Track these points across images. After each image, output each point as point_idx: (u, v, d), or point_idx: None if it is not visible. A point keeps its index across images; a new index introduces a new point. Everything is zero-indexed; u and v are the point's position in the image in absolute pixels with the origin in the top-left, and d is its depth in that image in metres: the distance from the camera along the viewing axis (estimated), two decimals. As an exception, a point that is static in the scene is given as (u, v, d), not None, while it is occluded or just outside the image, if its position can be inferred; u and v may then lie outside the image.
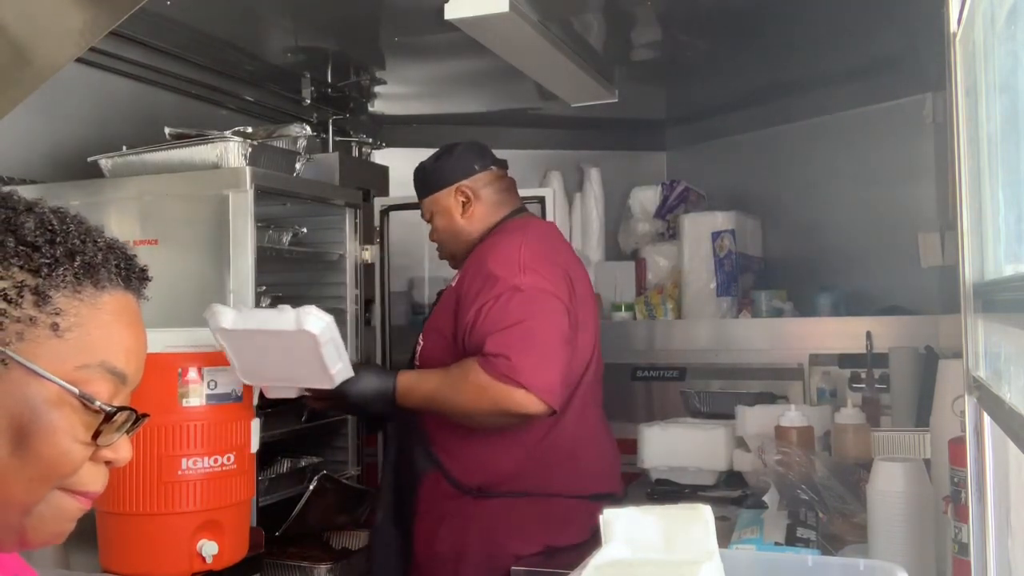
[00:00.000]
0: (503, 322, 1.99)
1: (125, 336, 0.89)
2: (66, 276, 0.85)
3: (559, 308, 2.06)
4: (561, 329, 2.05)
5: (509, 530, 2.09)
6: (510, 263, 2.06)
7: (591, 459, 2.21)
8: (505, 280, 2.03)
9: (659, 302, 3.70)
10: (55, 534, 0.88)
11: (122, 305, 0.89)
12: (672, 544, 1.15)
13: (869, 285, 3.46)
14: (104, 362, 0.86)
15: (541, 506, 2.12)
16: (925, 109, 3.28)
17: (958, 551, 1.34)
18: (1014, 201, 0.87)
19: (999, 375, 0.95)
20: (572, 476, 2.15)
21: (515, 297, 2.01)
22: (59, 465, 0.84)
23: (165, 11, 2.53)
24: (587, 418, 2.22)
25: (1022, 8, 0.79)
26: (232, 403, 1.93)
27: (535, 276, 2.05)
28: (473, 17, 2.35)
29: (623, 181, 4.19)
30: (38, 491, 0.84)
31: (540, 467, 2.12)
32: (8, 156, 2.55)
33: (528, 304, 2.01)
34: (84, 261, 0.86)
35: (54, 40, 1.64)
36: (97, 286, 0.87)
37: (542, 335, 2.00)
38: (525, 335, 1.98)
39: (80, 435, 0.85)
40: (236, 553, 1.95)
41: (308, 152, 2.83)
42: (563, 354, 2.03)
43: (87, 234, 0.89)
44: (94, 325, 0.86)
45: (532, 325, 1.99)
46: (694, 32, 2.95)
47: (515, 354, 1.94)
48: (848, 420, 2.17)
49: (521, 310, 2.00)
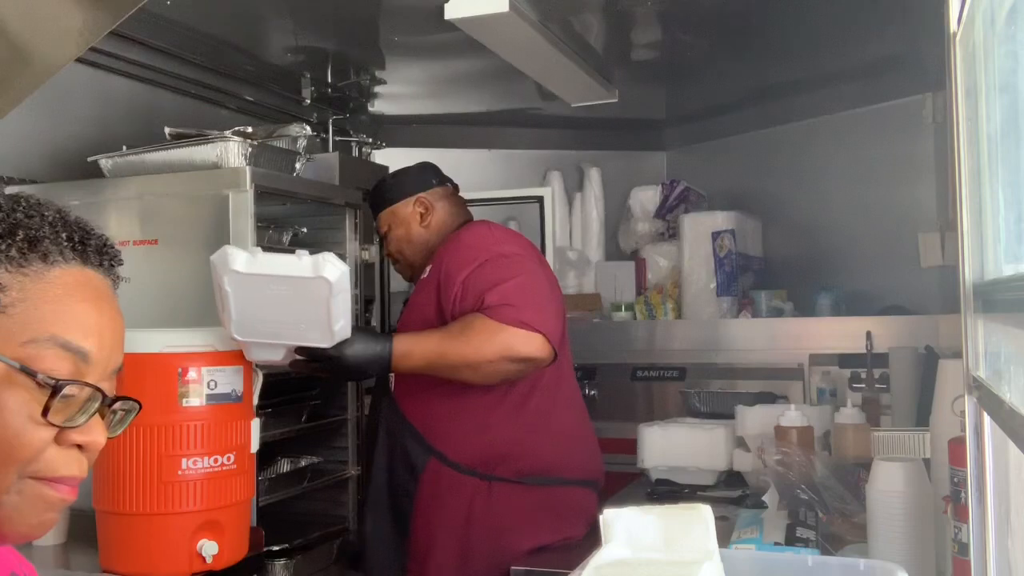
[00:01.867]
0: (497, 279, 2.09)
1: (82, 311, 0.85)
2: (8, 251, 0.82)
3: (541, 269, 2.22)
4: (551, 284, 2.22)
5: (512, 521, 2.14)
6: (485, 239, 2.22)
7: (580, 440, 2.29)
8: (487, 249, 2.17)
9: (659, 302, 3.70)
10: (34, 526, 0.84)
11: (78, 280, 0.86)
12: (672, 544, 1.15)
13: (869, 285, 3.46)
14: (55, 336, 0.83)
15: (541, 495, 2.17)
16: (925, 109, 3.28)
17: (958, 551, 1.34)
18: (1014, 201, 0.87)
19: (999, 375, 0.95)
20: (565, 457, 2.22)
21: (501, 261, 2.14)
22: (14, 448, 0.81)
23: (165, 11, 2.53)
24: (571, 400, 2.32)
25: (1022, 8, 0.79)
26: (232, 403, 1.93)
27: (515, 245, 2.21)
28: (473, 17, 2.35)
29: (623, 181, 4.19)
30: (1, 479, 0.81)
31: (533, 445, 2.18)
32: (8, 156, 2.55)
33: (515, 265, 2.14)
34: (28, 236, 0.83)
35: (54, 40, 1.64)
36: (46, 260, 0.84)
37: (535, 288, 2.12)
38: (520, 288, 2.09)
39: (34, 414, 0.81)
40: (236, 553, 1.95)
41: (308, 152, 2.82)
42: (559, 305, 2.18)
43: (34, 209, 0.86)
44: (42, 300, 0.83)
45: (523, 281, 2.11)
46: (694, 32, 2.95)
47: (517, 302, 2.05)
48: (848, 420, 2.17)
49: (510, 270, 2.12)
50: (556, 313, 2.14)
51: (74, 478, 0.85)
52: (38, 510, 0.84)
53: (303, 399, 2.70)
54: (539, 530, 2.16)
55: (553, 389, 2.24)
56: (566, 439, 2.25)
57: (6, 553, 0.93)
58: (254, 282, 1.83)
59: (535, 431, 2.20)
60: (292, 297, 1.84)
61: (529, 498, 2.16)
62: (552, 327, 2.08)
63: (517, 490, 2.16)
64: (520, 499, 2.16)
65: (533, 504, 2.16)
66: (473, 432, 2.18)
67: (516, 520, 2.15)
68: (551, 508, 2.18)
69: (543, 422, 2.21)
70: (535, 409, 2.21)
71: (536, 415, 2.21)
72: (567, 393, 2.31)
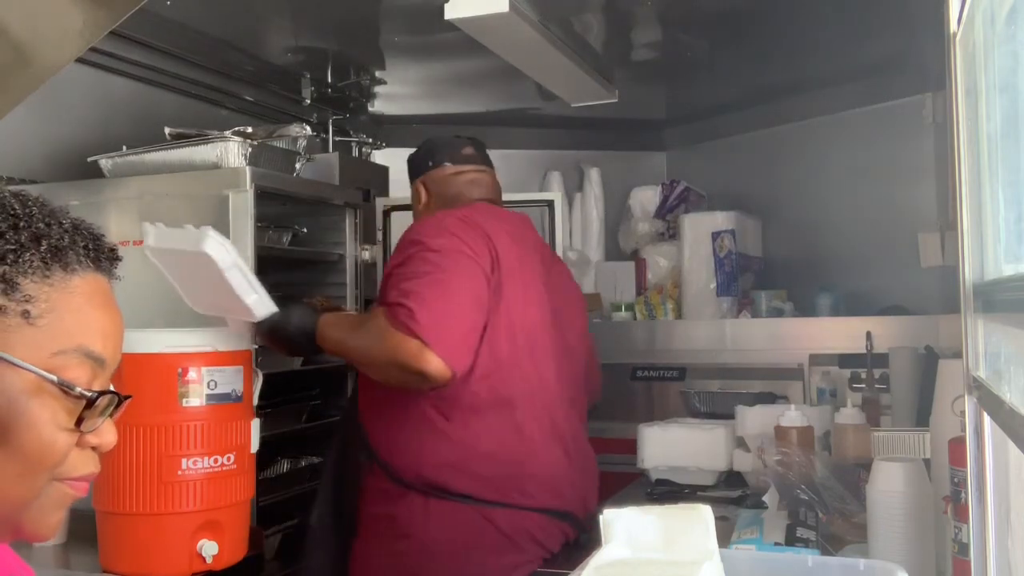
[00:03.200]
0: (411, 275, 1.92)
1: (99, 318, 0.87)
2: (33, 261, 0.82)
3: (475, 270, 1.95)
4: (474, 291, 1.94)
5: (450, 542, 1.97)
6: (430, 226, 2.03)
7: (534, 466, 2.03)
8: (419, 242, 1.98)
9: (659, 302, 3.70)
10: (52, 526, 0.86)
11: (94, 287, 0.87)
12: (672, 544, 1.15)
13: (869, 285, 3.46)
14: (81, 346, 0.84)
15: (480, 515, 1.98)
16: (925, 109, 3.28)
17: (958, 551, 1.34)
18: (1014, 201, 0.87)
19: (999, 375, 0.95)
20: (508, 481, 2.00)
21: (427, 255, 1.94)
22: (46, 456, 0.82)
23: (165, 11, 2.53)
24: (532, 417, 2.05)
25: (1022, 8, 0.79)
26: (232, 403, 1.93)
27: (452, 239, 1.97)
28: (473, 17, 2.35)
29: (623, 181, 4.19)
30: (32, 485, 0.83)
31: (471, 464, 1.99)
32: (8, 156, 2.55)
33: (440, 260, 1.93)
34: (51, 244, 0.84)
35: (54, 40, 1.64)
36: (67, 269, 0.85)
37: (449, 289, 1.90)
38: (431, 286, 1.89)
39: (63, 422, 0.83)
40: (236, 553, 1.95)
41: (308, 152, 2.83)
42: (472, 314, 1.93)
43: (51, 216, 0.86)
44: (67, 310, 0.84)
45: (440, 278, 1.90)
46: (694, 32, 2.95)
47: (417, 304, 1.85)
48: (848, 420, 2.17)
49: (431, 266, 1.93)
50: (465, 321, 1.91)
51: (92, 475, 0.88)
52: (58, 509, 0.86)
53: (303, 399, 2.70)
54: (473, 552, 1.97)
55: (505, 408, 2.01)
56: (515, 464, 2.01)
57: (5, 556, 0.93)
58: (170, 257, 1.93)
59: (473, 449, 1.99)
60: (202, 271, 1.92)
61: (463, 517, 1.97)
62: (450, 338, 1.85)
63: (454, 508, 1.98)
64: (456, 517, 1.98)
65: (469, 524, 1.98)
66: (408, 439, 2.01)
67: (451, 538, 1.97)
68: (487, 531, 1.98)
69: (484, 441, 1.99)
70: (477, 426, 1.99)
71: (477, 433, 1.99)
72: (531, 411, 2.04)
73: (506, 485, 2.00)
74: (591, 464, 2.23)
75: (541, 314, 2.11)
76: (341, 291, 2.88)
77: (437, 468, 1.99)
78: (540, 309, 2.11)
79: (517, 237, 2.12)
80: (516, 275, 2.05)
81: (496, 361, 1.98)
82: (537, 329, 2.09)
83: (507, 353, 2.01)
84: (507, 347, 2.01)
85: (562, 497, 2.07)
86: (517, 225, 2.19)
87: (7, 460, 0.81)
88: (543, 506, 2.03)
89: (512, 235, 2.11)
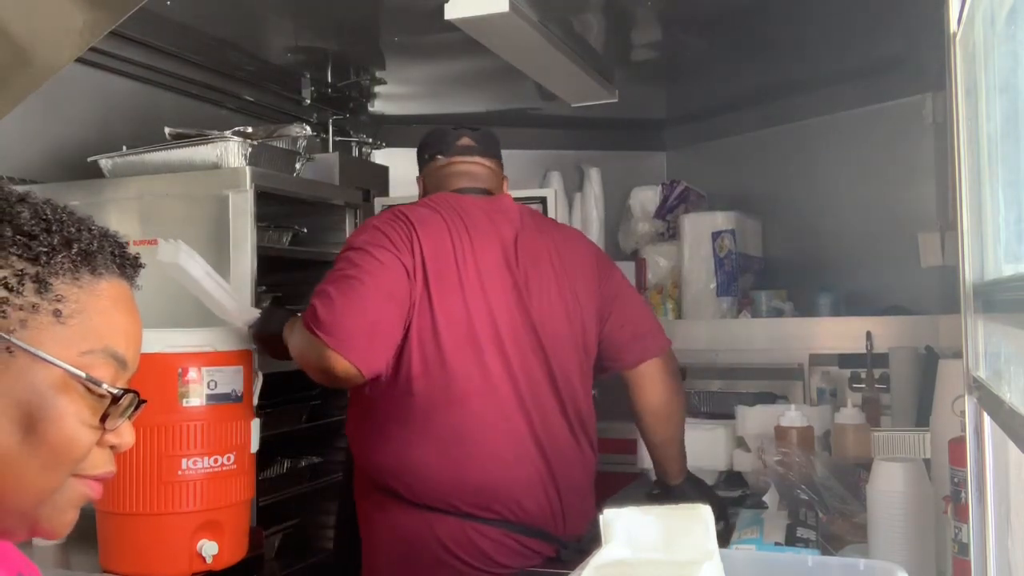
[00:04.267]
0: (329, 274, 1.91)
1: (124, 322, 0.91)
2: (64, 263, 0.86)
3: (393, 265, 1.87)
4: (388, 287, 1.86)
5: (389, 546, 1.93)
6: (361, 227, 2.02)
7: (484, 473, 1.89)
8: (347, 242, 1.98)
9: (659, 302, 3.70)
10: (67, 523, 0.89)
11: (118, 292, 0.91)
12: (672, 544, 1.15)
13: (869, 285, 3.45)
14: (107, 347, 0.88)
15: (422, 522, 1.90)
16: (925, 109, 3.28)
17: (958, 551, 1.34)
18: (1014, 201, 0.87)
19: (999, 375, 0.95)
20: (449, 487, 1.88)
21: (348, 253, 1.91)
22: (70, 450, 0.85)
23: (165, 11, 2.53)
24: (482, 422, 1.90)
25: (1022, 8, 0.79)
26: (232, 403, 1.93)
27: (375, 235, 1.92)
28: (473, 17, 2.35)
29: (623, 181, 4.19)
30: (53, 478, 0.85)
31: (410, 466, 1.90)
32: (8, 156, 2.55)
33: (356, 257, 1.89)
34: (81, 248, 0.87)
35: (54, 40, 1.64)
36: (94, 273, 0.88)
37: (357, 285, 1.84)
38: (338, 285, 1.85)
39: (87, 419, 0.86)
40: (236, 553, 1.95)
41: (308, 152, 2.83)
42: (381, 308, 1.84)
43: (80, 223, 0.90)
44: (94, 311, 0.87)
45: (349, 274, 1.86)
46: (694, 32, 2.95)
47: (321, 303, 1.83)
48: (848, 420, 2.17)
49: (346, 264, 1.89)
50: (365, 325, 1.82)
51: (109, 475, 0.91)
52: (73, 507, 0.89)
53: (303, 399, 2.70)
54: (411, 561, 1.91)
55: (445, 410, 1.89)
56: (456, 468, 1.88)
57: (11, 553, 0.94)
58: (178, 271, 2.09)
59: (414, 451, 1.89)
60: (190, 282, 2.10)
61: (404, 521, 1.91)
62: (352, 342, 1.79)
63: (398, 511, 1.92)
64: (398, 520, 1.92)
65: (408, 529, 1.90)
66: (366, 441, 1.97)
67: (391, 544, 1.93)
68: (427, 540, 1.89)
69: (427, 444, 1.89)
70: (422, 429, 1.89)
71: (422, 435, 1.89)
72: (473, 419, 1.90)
73: (447, 492, 1.88)
74: (578, 475, 2.02)
75: (494, 310, 1.94)
76: (341, 291, 2.87)
77: (379, 468, 1.94)
78: (494, 305, 1.94)
79: (474, 226, 1.99)
80: (451, 270, 1.92)
81: (426, 361, 1.88)
82: (487, 327, 1.92)
83: (441, 352, 1.88)
84: (442, 345, 1.88)
85: (525, 511, 1.91)
86: (482, 214, 2.03)
87: (33, 452, 0.84)
88: (496, 518, 1.89)
89: (466, 225, 1.98)
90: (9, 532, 0.88)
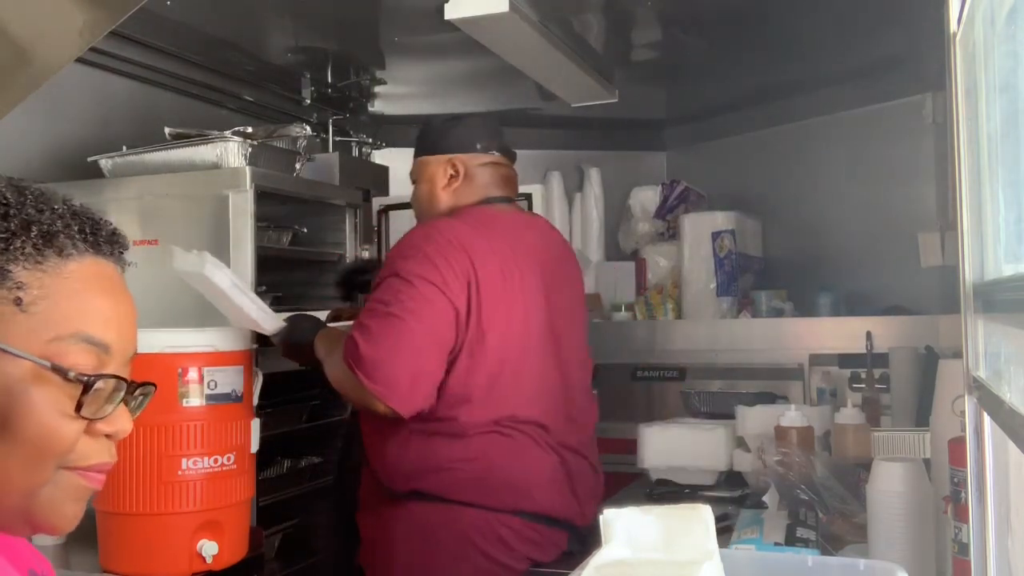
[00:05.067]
0: (372, 307, 1.87)
1: (100, 304, 0.86)
2: (24, 248, 0.82)
3: (441, 306, 1.86)
4: (434, 328, 1.86)
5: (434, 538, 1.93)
6: (411, 247, 1.93)
7: (509, 482, 1.95)
8: (392, 263, 1.92)
9: (659, 302, 3.70)
10: (68, 517, 0.86)
11: (93, 272, 0.86)
12: (672, 544, 1.15)
13: (869, 285, 3.46)
14: (79, 332, 0.83)
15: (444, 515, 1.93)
16: (925, 109, 3.28)
17: (958, 551, 1.34)
18: (1014, 201, 0.87)
19: (999, 375, 0.95)
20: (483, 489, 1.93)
21: (394, 283, 1.87)
22: (51, 443, 0.82)
23: (165, 11, 2.53)
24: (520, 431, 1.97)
25: (1022, 8, 0.79)
26: (232, 403, 1.93)
27: (425, 265, 1.87)
28: (473, 17, 2.35)
29: (623, 181, 4.19)
30: (39, 472, 0.82)
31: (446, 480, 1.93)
32: (8, 156, 2.55)
33: (401, 292, 1.85)
34: (41, 231, 0.83)
35: (54, 40, 1.64)
36: (61, 254, 0.84)
37: (402, 326, 1.83)
38: (383, 323, 1.83)
39: (67, 409, 0.82)
40: (236, 553, 1.95)
41: (308, 152, 2.83)
42: (426, 354, 1.85)
43: (45, 202, 0.86)
44: (62, 296, 0.83)
45: (394, 312, 1.83)
46: (694, 32, 2.95)
47: (364, 341, 1.82)
48: (848, 420, 2.17)
49: (391, 296, 1.85)
50: (408, 371, 1.82)
51: (106, 464, 0.87)
52: (72, 500, 0.86)
53: (303, 399, 2.70)
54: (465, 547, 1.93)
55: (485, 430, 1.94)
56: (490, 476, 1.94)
57: (23, 549, 0.93)
58: (193, 279, 2.06)
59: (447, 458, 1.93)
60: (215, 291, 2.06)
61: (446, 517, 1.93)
62: (392, 385, 1.81)
63: (423, 508, 1.94)
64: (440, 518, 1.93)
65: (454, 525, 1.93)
66: (386, 445, 1.98)
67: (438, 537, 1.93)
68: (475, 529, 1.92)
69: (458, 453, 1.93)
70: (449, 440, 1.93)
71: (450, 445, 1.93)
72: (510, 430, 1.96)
73: (479, 489, 1.93)
74: (592, 475, 2.15)
75: (532, 335, 2.01)
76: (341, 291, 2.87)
77: (416, 475, 1.96)
78: (532, 330, 2.01)
79: (514, 244, 2.04)
80: (500, 294, 1.95)
81: (471, 387, 1.91)
82: (526, 352, 1.99)
83: (488, 375, 1.93)
84: (489, 369, 1.93)
85: (553, 505, 2.00)
86: (517, 229, 2.10)
87: (12, 449, 0.81)
88: (520, 511, 1.95)
89: (508, 245, 2.02)
90: (9, 528, 0.85)
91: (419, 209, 2.18)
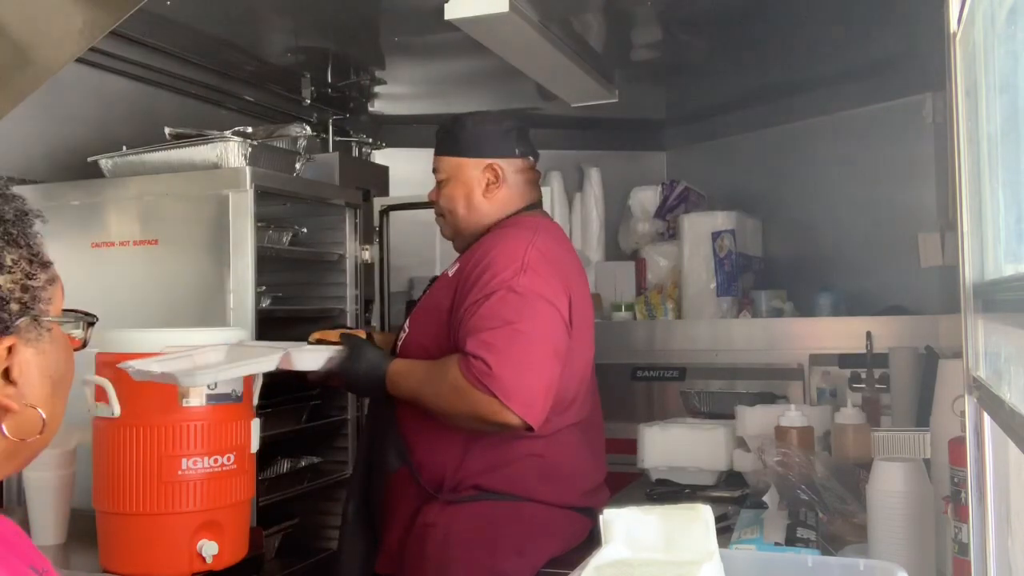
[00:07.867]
0: (490, 322, 1.86)
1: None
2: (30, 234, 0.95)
3: (555, 318, 1.92)
4: (554, 341, 1.91)
5: (480, 538, 1.95)
6: (513, 260, 1.92)
7: (568, 476, 2.06)
8: (503, 278, 1.89)
9: (659, 302, 3.70)
10: None
11: None
12: (672, 544, 1.15)
13: (869, 285, 3.46)
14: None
15: (508, 510, 1.97)
16: (925, 109, 3.28)
17: (958, 551, 1.34)
18: (1014, 201, 0.87)
19: (999, 375, 0.95)
20: (543, 491, 2.01)
21: (509, 298, 1.87)
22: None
23: (165, 11, 2.53)
24: (569, 436, 2.07)
25: (1022, 8, 0.79)
26: (232, 403, 1.93)
27: (536, 279, 1.90)
28: (473, 17, 2.35)
29: (623, 181, 4.19)
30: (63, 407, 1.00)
31: (511, 477, 1.99)
32: (8, 156, 2.55)
33: (521, 307, 1.87)
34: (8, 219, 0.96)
35: (54, 40, 1.64)
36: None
37: (529, 343, 1.86)
38: (510, 339, 1.84)
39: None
40: (236, 553, 1.95)
41: (308, 152, 2.83)
42: (551, 367, 1.89)
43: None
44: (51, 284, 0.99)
45: (521, 329, 1.85)
46: (694, 32, 2.95)
47: (495, 359, 1.82)
48: (848, 420, 2.17)
49: (512, 312, 1.86)
50: (544, 375, 1.86)
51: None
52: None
53: (303, 399, 2.70)
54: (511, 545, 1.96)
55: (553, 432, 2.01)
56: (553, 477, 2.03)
57: (24, 546, 0.94)
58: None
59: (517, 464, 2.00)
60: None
61: (497, 513, 1.97)
62: (529, 394, 1.83)
63: (486, 506, 1.97)
64: (489, 515, 1.96)
65: (503, 520, 1.96)
66: (452, 451, 1.99)
67: (487, 534, 1.95)
68: (523, 523, 1.97)
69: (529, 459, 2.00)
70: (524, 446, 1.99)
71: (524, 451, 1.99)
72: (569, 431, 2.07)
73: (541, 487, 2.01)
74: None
75: (591, 339, 2.15)
76: (340, 291, 2.88)
77: (476, 474, 1.99)
78: (591, 335, 2.14)
79: (577, 263, 2.14)
80: (584, 314, 2.05)
81: (562, 393, 1.97)
82: (589, 358, 2.13)
83: (578, 381, 2.06)
84: (578, 375, 2.05)
85: (590, 498, 2.12)
86: (570, 245, 2.22)
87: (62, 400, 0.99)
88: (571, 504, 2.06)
89: (576, 263, 2.12)
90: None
91: (458, 220, 2.14)
